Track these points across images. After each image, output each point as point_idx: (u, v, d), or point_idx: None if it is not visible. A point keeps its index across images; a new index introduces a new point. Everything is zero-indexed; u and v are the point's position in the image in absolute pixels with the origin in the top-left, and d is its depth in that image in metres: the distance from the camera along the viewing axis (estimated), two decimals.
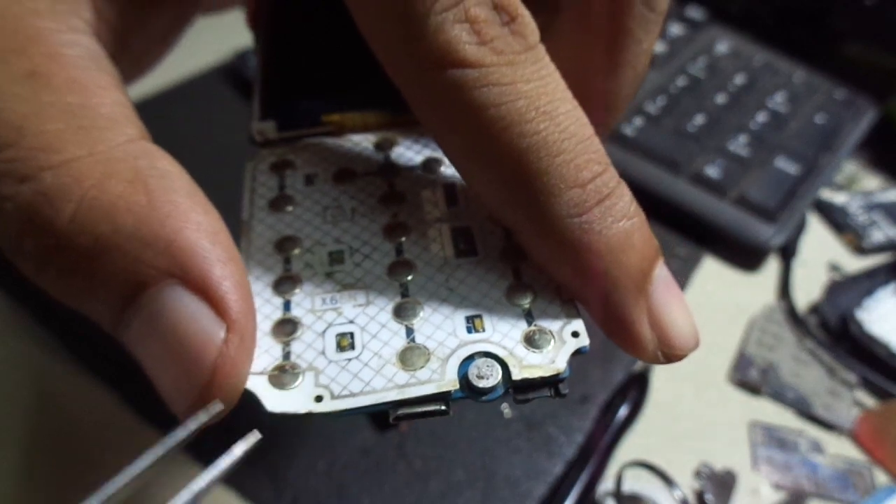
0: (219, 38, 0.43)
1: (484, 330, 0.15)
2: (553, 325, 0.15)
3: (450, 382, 0.14)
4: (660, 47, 0.48)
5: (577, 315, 0.15)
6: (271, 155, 0.18)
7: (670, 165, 0.41)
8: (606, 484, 0.29)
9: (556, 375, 0.14)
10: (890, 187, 0.46)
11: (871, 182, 0.47)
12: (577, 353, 0.14)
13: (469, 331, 0.15)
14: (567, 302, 0.15)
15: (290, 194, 0.17)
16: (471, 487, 0.28)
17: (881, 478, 0.31)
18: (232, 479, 0.28)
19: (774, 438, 0.32)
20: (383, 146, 0.18)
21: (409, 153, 0.18)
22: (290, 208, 0.17)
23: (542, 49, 0.14)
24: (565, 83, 0.14)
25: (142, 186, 0.13)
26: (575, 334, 0.14)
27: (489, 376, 0.14)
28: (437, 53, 0.13)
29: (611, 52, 0.17)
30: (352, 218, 0.17)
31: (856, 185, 0.46)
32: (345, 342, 0.14)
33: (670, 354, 0.15)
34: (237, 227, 0.17)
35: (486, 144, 0.13)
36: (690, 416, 0.32)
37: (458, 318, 0.15)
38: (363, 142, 0.18)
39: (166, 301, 0.12)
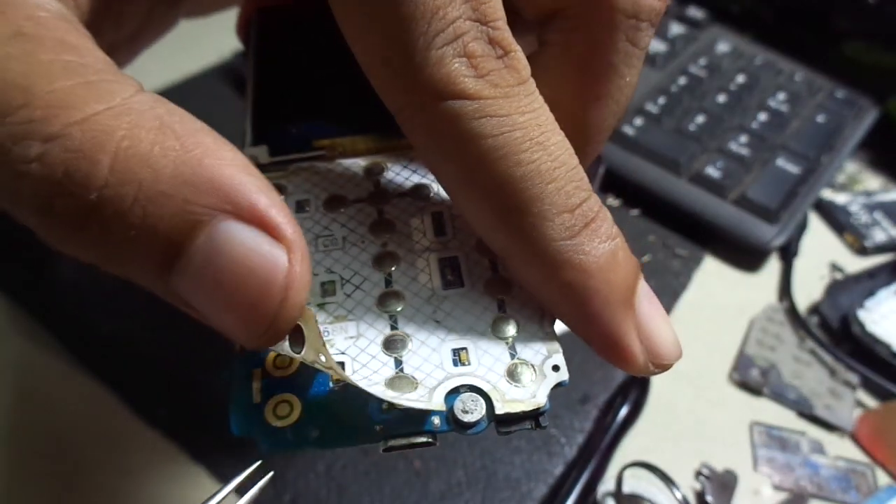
0: (219, 38, 0.43)
1: (469, 363, 0.15)
2: (535, 359, 0.15)
3: (438, 405, 0.14)
4: (660, 47, 0.48)
5: (558, 349, 0.15)
6: None
7: (670, 165, 0.40)
8: (606, 484, 0.29)
9: (537, 409, 0.15)
10: (891, 187, 0.46)
11: (873, 182, 0.47)
12: (558, 386, 0.15)
13: (455, 363, 0.15)
14: (549, 335, 0.16)
15: None
16: (471, 488, 0.28)
17: (883, 478, 0.31)
18: (231, 479, 0.28)
19: (775, 439, 0.32)
20: (373, 171, 0.18)
21: (399, 179, 0.18)
22: None
23: (532, 82, 0.15)
24: (552, 115, 0.15)
25: (170, 131, 0.13)
26: (555, 368, 0.15)
27: (474, 410, 0.14)
28: (437, 85, 0.14)
29: (594, 86, 0.18)
30: (343, 247, 0.17)
31: (857, 185, 0.46)
32: (336, 377, 0.15)
33: (659, 365, 0.16)
34: None
35: (481, 172, 0.14)
36: (691, 416, 0.32)
37: (445, 351, 0.15)
38: (353, 167, 0.19)
39: (224, 236, 0.12)
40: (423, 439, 0.14)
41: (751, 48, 0.51)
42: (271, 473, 0.14)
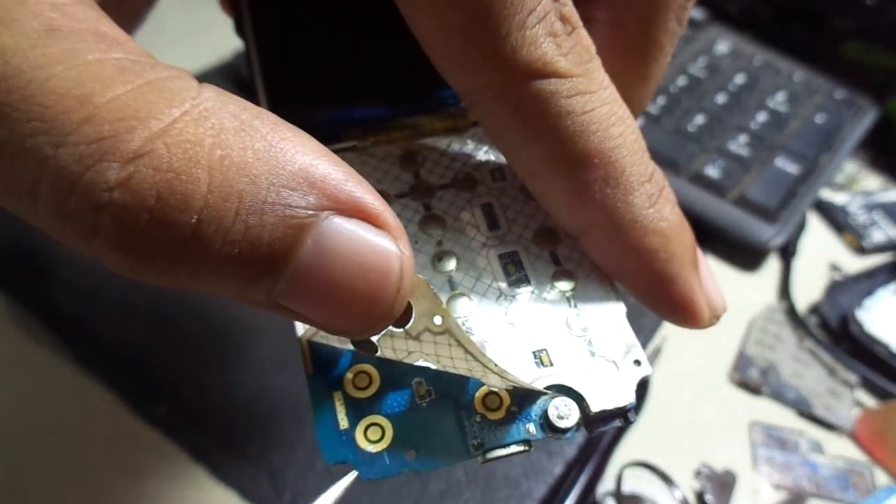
0: (219, 38, 0.43)
1: (552, 364, 0.15)
2: (615, 355, 0.15)
3: (546, 392, 0.14)
4: None
5: (636, 343, 0.15)
6: None
7: (670, 165, 0.41)
8: (606, 484, 0.29)
9: (626, 406, 0.14)
10: (890, 187, 0.46)
11: (872, 182, 0.47)
12: (642, 381, 0.15)
13: (538, 366, 0.15)
14: (624, 329, 0.16)
15: None
16: (470, 487, 0.28)
17: (881, 478, 0.31)
18: (232, 479, 0.28)
19: (774, 438, 0.32)
20: (409, 162, 0.17)
21: (439, 168, 0.17)
22: None
23: (599, 59, 0.15)
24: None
25: (254, 130, 0.11)
26: (637, 363, 0.15)
27: (568, 416, 0.14)
28: (534, 65, 0.14)
29: (641, 66, 0.18)
30: None
31: (856, 185, 0.46)
32: (422, 391, 0.14)
33: (716, 316, 0.17)
34: None
35: (574, 149, 0.14)
36: (690, 416, 0.32)
37: (526, 354, 0.15)
38: (388, 157, 0.17)
39: (332, 236, 0.11)
40: (520, 449, 0.14)
41: (750, 48, 0.51)
42: (356, 473, 0.14)
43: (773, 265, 0.40)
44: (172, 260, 0.11)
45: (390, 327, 0.13)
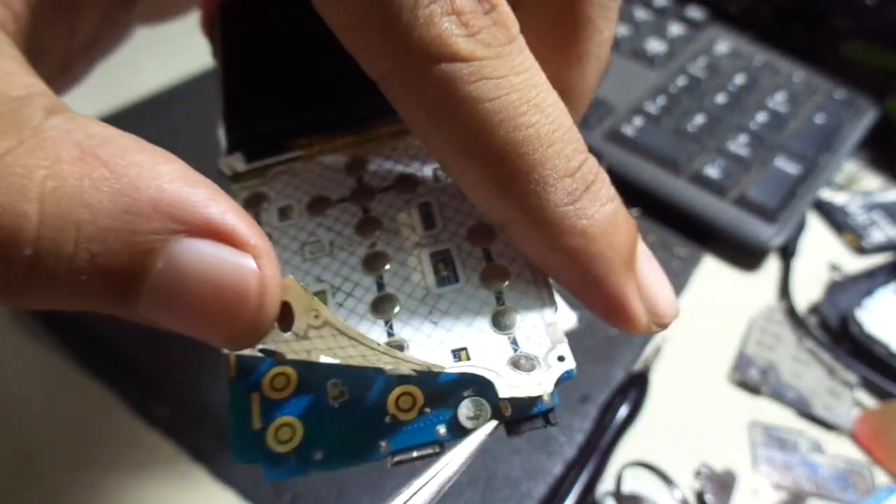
0: None
1: (469, 360, 0.15)
2: (539, 351, 0.15)
3: (438, 367, 0.14)
4: (660, 47, 0.48)
5: (562, 339, 0.15)
6: (243, 190, 0.17)
7: (670, 165, 0.41)
8: (606, 484, 0.29)
9: (545, 402, 0.14)
10: (890, 187, 0.46)
11: (871, 182, 0.47)
12: (565, 377, 0.14)
13: (455, 361, 0.15)
14: (551, 325, 0.15)
15: (267, 233, 0.16)
16: (471, 487, 0.28)
17: (881, 478, 0.31)
18: (231, 479, 0.28)
19: (774, 438, 0.32)
20: (354, 167, 0.18)
21: (382, 171, 0.18)
22: None
23: (522, 39, 0.14)
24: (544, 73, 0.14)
25: (94, 159, 0.11)
26: (561, 358, 0.14)
27: (479, 416, 0.14)
28: (428, 48, 0.13)
29: (573, 45, 0.17)
30: (331, 252, 0.16)
31: (856, 185, 0.46)
32: (336, 392, 0.14)
33: (659, 323, 0.16)
34: None
35: (478, 139, 0.13)
36: (690, 416, 0.32)
37: (444, 353, 0.15)
38: (334, 164, 0.18)
39: (183, 257, 0.12)
40: (430, 451, 0.14)
41: (750, 48, 0.51)
42: (495, 422, 0.14)
43: (772, 265, 0.40)
44: (16, 289, 0.11)
45: (279, 332, 0.13)
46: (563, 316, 0.32)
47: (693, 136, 0.42)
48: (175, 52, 0.23)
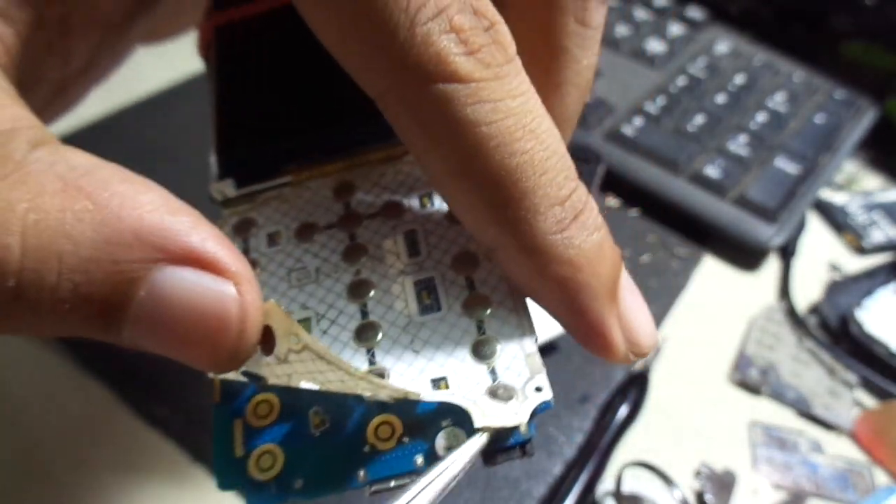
0: None
1: (449, 389, 0.15)
2: (517, 381, 0.15)
3: (414, 394, 0.14)
4: (660, 47, 0.48)
5: (541, 369, 0.15)
6: (233, 215, 0.18)
7: (670, 165, 0.41)
8: (606, 484, 0.29)
9: (518, 427, 0.14)
10: (890, 187, 0.46)
11: (871, 182, 0.47)
12: (542, 408, 0.14)
13: (434, 391, 0.15)
14: (530, 356, 0.15)
15: (255, 258, 0.17)
16: (470, 487, 0.28)
17: (881, 478, 0.31)
18: None
19: (774, 438, 0.32)
20: (343, 192, 0.18)
21: (369, 198, 0.18)
22: (256, 273, 0.17)
23: (519, 60, 0.14)
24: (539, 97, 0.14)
25: (76, 191, 0.12)
26: (538, 389, 0.14)
27: (457, 447, 0.14)
28: (426, 67, 0.13)
29: (550, 74, 0.17)
30: (317, 279, 0.16)
31: (856, 185, 0.46)
32: (317, 420, 0.15)
33: (637, 354, 0.16)
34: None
35: (474, 163, 0.13)
36: (690, 416, 0.32)
37: (424, 382, 0.15)
38: (322, 189, 0.18)
39: (165, 286, 0.12)
40: (407, 480, 0.14)
41: (750, 48, 0.51)
42: (486, 438, 0.14)
43: (772, 265, 0.40)
44: (3, 319, 0.12)
45: (262, 356, 0.13)
46: None
47: (693, 136, 0.42)
48: (175, 52, 0.23)
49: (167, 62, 0.43)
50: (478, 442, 0.14)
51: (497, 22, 0.13)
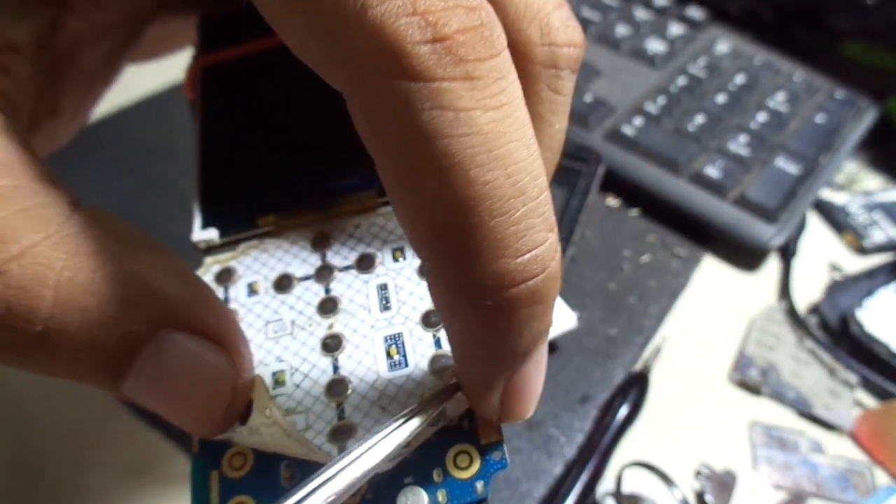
0: None
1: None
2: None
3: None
4: (660, 47, 0.48)
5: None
6: (215, 263, 0.18)
7: (670, 165, 0.41)
8: (606, 484, 0.29)
9: (475, 486, 0.14)
10: (890, 187, 0.46)
11: (872, 182, 0.47)
12: (497, 469, 0.15)
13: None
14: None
15: (234, 309, 0.17)
16: None
17: (881, 478, 0.31)
18: None
19: (774, 438, 0.32)
20: (319, 244, 0.18)
21: (344, 250, 0.18)
22: None
23: (507, 57, 0.11)
24: (528, 113, 0.12)
25: (109, 254, 0.13)
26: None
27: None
28: (376, 58, 0.11)
29: None
30: (292, 332, 0.17)
31: (856, 185, 0.46)
32: (287, 473, 0.15)
33: (506, 422, 0.15)
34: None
35: (421, 180, 0.11)
36: (690, 416, 0.32)
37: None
38: (301, 240, 0.19)
39: (169, 349, 0.13)
40: None
41: (750, 48, 0.51)
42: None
43: (773, 265, 0.40)
44: (20, 356, 0.13)
45: (237, 425, 0.15)
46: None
47: (693, 136, 0.42)
48: (175, 53, 0.23)
49: (167, 62, 0.43)
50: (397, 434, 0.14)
51: (480, 7, 0.11)
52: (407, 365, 0.16)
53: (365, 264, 0.18)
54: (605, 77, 0.46)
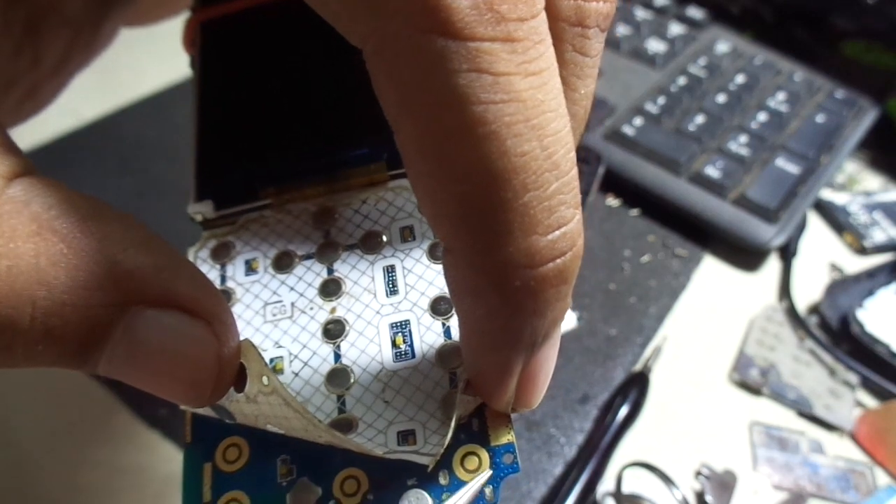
0: None
1: (416, 444, 0.14)
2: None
3: (376, 453, 0.14)
4: (660, 47, 0.48)
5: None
6: (212, 238, 0.17)
7: (670, 165, 0.41)
8: (606, 484, 0.29)
9: (484, 492, 0.14)
10: (890, 187, 0.46)
11: (872, 182, 0.47)
12: (508, 473, 0.14)
13: (400, 444, 0.14)
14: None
15: (231, 288, 0.16)
16: None
17: (882, 478, 0.31)
18: None
19: (775, 439, 0.32)
20: (322, 219, 0.17)
21: (350, 227, 0.17)
22: (231, 304, 0.16)
23: (545, 19, 0.11)
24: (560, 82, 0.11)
25: (51, 233, 0.11)
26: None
27: None
28: (410, 8, 0.10)
29: None
30: (292, 314, 0.16)
31: (856, 185, 0.46)
32: (284, 469, 0.14)
33: (519, 410, 0.14)
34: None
35: (451, 148, 0.10)
36: (690, 416, 0.32)
37: (391, 434, 0.14)
38: (303, 214, 0.17)
39: (141, 328, 0.12)
40: None
41: (750, 48, 0.51)
42: (489, 472, 0.13)
43: (773, 265, 0.40)
44: None
45: (233, 392, 0.13)
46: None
47: (693, 136, 0.42)
48: (175, 52, 0.23)
49: (167, 62, 0.43)
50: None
51: None
52: (414, 356, 0.15)
53: (371, 243, 0.16)
54: (605, 77, 0.46)
